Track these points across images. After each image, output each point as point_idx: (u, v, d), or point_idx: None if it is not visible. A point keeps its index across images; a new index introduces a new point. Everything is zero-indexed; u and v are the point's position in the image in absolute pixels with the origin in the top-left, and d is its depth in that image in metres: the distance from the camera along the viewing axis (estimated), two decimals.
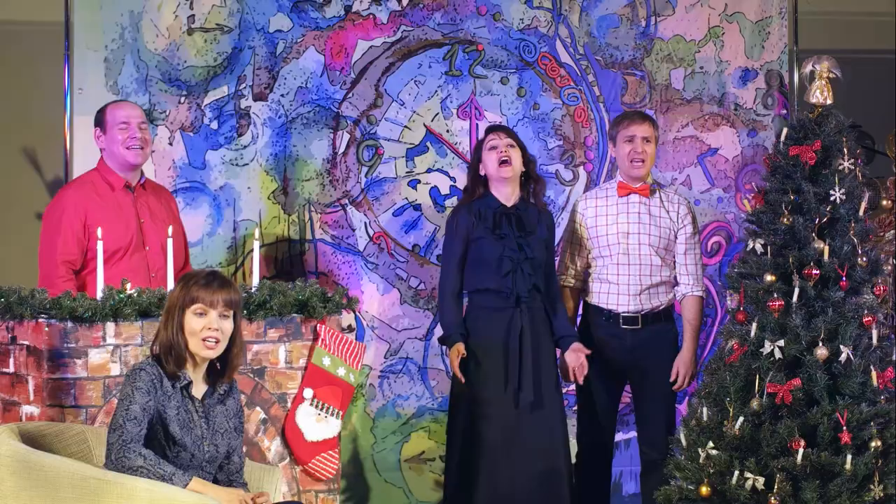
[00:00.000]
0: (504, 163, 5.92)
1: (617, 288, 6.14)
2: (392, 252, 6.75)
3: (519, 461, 5.83)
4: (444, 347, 6.21)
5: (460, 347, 5.87)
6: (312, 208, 6.66)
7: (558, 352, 6.05)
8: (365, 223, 6.73)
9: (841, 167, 5.58)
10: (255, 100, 6.58)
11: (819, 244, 5.51)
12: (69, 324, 4.90)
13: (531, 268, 5.92)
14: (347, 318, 6.68)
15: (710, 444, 5.48)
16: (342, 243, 6.71)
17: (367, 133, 6.73)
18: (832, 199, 5.54)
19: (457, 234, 5.96)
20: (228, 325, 4.54)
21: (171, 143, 6.47)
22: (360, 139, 6.72)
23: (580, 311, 6.27)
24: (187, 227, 6.27)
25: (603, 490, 6.31)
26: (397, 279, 6.75)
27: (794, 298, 5.46)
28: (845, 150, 5.60)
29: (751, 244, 5.64)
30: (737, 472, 5.37)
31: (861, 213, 5.59)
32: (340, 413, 5.36)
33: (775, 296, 5.48)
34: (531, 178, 6.04)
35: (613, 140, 6.21)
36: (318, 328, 5.32)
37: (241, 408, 4.69)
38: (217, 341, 4.51)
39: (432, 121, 6.80)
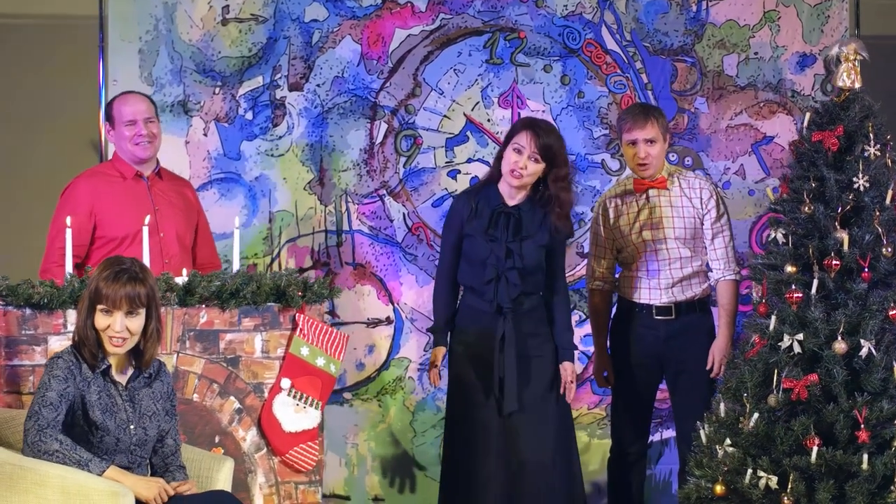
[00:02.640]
0: (515, 174, 5.65)
1: (648, 283, 5.97)
2: (431, 243, 6.66)
3: (506, 467, 5.63)
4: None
5: (438, 355, 5.73)
6: (349, 199, 6.61)
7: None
8: (403, 214, 6.65)
9: (866, 153, 5.32)
10: (290, 90, 6.55)
11: (840, 234, 5.26)
12: (27, 311, 4.90)
13: (518, 277, 5.62)
14: (386, 310, 6.63)
15: (728, 440, 5.28)
16: (380, 234, 6.64)
17: (406, 123, 6.65)
18: (855, 186, 5.29)
19: (453, 220, 5.77)
20: (136, 323, 4.51)
21: (205, 134, 6.48)
22: (398, 129, 6.64)
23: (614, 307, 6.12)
24: (222, 217, 6.28)
25: (637, 486, 6.15)
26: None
27: (814, 290, 5.24)
28: (871, 135, 5.34)
29: (773, 233, 5.42)
30: (749, 471, 5.16)
31: (888, 201, 5.31)
32: (320, 404, 5.27)
33: (794, 287, 5.26)
34: (548, 190, 5.68)
35: (620, 138, 6.04)
36: (296, 317, 5.24)
37: (172, 390, 4.68)
38: (124, 339, 4.51)
39: (472, 110, 6.69)
